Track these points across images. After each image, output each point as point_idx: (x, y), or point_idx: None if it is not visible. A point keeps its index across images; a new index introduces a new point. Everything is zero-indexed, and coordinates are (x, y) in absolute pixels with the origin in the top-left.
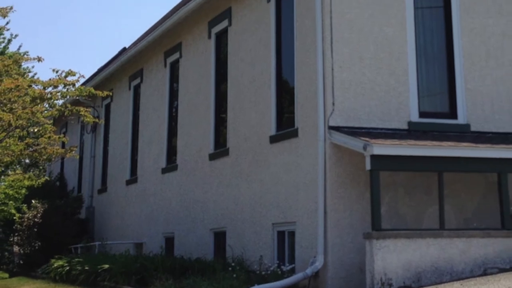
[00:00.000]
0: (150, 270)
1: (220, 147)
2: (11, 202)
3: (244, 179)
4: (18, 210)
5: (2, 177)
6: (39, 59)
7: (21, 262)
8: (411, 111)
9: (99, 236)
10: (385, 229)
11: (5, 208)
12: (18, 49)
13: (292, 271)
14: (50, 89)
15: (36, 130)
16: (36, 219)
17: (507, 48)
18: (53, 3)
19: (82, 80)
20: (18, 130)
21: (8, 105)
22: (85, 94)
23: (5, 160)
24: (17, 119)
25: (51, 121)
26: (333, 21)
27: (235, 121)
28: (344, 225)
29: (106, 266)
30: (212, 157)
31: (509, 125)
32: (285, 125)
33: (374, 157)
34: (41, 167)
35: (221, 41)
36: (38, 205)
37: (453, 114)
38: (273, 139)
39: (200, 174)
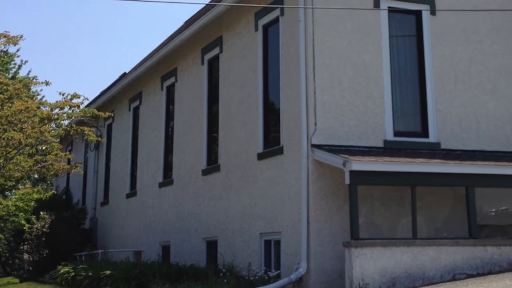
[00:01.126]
0: (148, 276)
1: (212, 163)
2: (21, 213)
3: (234, 192)
4: (28, 221)
5: (13, 191)
6: (47, 83)
7: (31, 268)
8: (386, 130)
9: (101, 244)
10: (363, 238)
11: (16, 219)
12: (28, 74)
13: (278, 277)
14: (57, 110)
15: (44, 148)
16: (44, 229)
17: (474, 72)
18: (60, 32)
19: (86, 102)
20: (27, 148)
21: (19, 125)
22: (89, 115)
23: (16, 175)
24: (26, 138)
25: (58, 140)
26: (315, 48)
27: (226, 139)
28: (325, 235)
29: (108, 272)
30: (205, 172)
31: (476, 144)
32: (272, 143)
33: (352, 173)
34: (48, 182)
35: (213, 66)
36: (46, 216)
37: (425, 133)
38: (261, 156)
39: (194, 188)
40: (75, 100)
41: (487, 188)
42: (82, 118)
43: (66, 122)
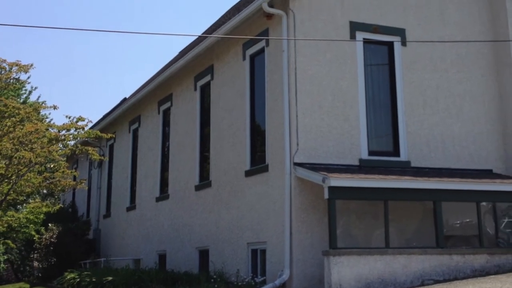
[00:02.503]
0: (146, 281)
1: (204, 180)
2: (31, 225)
3: (224, 206)
4: (37, 232)
5: (24, 204)
6: (55, 107)
7: (40, 274)
8: (361, 150)
9: (104, 253)
10: (340, 247)
11: (27, 230)
12: (37, 99)
13: (263, 282)
14: (63, 132)
15: (52, 166)
16: (52, 240)
17: (441, 98)
18: (67, 61)
19: (90, 125)
20: (37, 166)
21: (29, 145)
22: (92, 136)
23: (26, 190)
24: (36, 157)
25: (65, 159)
26: (297, 76)
27: (216, 158)
28: (306, 244)
29: (110, 278)
30: (197, 188)
31: (443, 162)
32: (258, 161)
33: (331, 188)
34: (56, 197)
35: (205, 92)
36: (54, 228)
37: (396, 152)
38: (248, 173)
39: (188, 202)
40: (80, 123)
41: (453, 202)
42: (86, 139)
43: (72, 142)
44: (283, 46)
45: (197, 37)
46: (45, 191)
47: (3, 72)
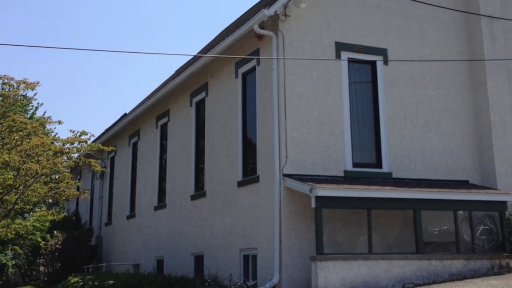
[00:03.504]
0: (145, 285)
1: (199, 190)
2: (38, 232)
3: (218, 214)
4: (43, 238)
5: (31, 213)
6: (60, 122)
7: (46, 278)
8: (346, 162)
9: (106, 258)
10: (327, 253)
11: (33, 237)
12: (43, 114)
13: (255, 286)
14: (68, 145)
15: (57, 177)
16: (57, 246)
17: (420, 113)
18: (71, 78)
19: (92, 138)
20: (43, 177)
21: (36, 157)
22: (95, 149)
23: (33, 200)
24: (42, 169)
25: (69, 170)
26: (286, 93)
27: (211, 169)
28: (295, 250)
29: (111, 282)
30: (193, 197)
31: (422, 173)
32: (249, 173)
33: (318, 198)
34: (61, 206)
35: (200, 108)
36: (59, 235)
37: (379, 164)
38: (240, 184)
39: (184, 211)
40: (83, 137)
41: (432, 211)
42: (89, 152)
43: (76, 155)
44: (273, 65)
45: (192, 56)
46: (50, 201)
47: (11, 89)
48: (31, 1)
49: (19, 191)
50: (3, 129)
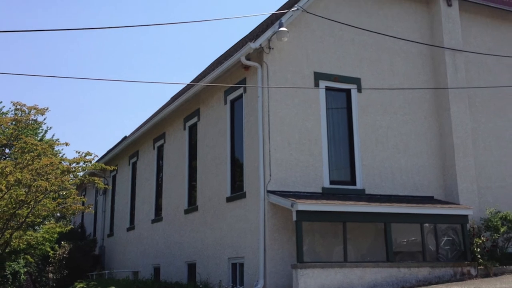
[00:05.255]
0: None
1: (192, 205)
2: (47, 243)
3: (209, 227)
4: (52, 248)
5: (41, 225)
6: (67, 144)
7: (54, 284)
8: (324, 180)
9: (108, 266)
10: (306, 261)
11: (43, 247)
12: (52, 136)
13: None
14: (74, 164)
15: (64, 193)
16: (64, 255)
17: (390, 136)
18: (77, 104)
19: (96, 158)
20: (52, 193)
21: (45, 176)
22: (98, 168)
23: (43, 214)
24: (51, 186)
25: (75, 187)
26: (270, 118)
27: (202, 186)
28: (278, 259)
29: (113, 287)
30: (186, 211)
31: (391, 190)
32: (237, 189)
33: (298, 212)
34: (68, 219)
35: (193, 131)
36: (66, 245)
37: (353, 182)
38: (229, 199)
39: (178, 223)
40: (88, 157)
41: (400, 223)
42: (93, 171)
43: (81, 173)
44: (258, 93)
45: (185, 85)
46: (58, 214)
47: (23, 114)
48: (43, 37)
49: (30, 206)
50: (16, 150)
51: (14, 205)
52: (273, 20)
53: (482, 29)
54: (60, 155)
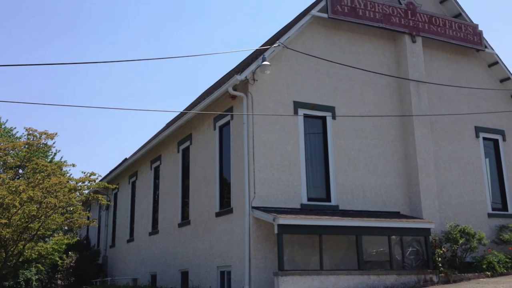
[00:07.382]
0: None
1: (185, 219)
2: (56, 253)
3: (200, 239)
4: (60, 258)
5: (50, 238)
6: (73, 165)
7: None
8: (302, 197)
9: (110, 274)
10: (287, 269)
11: (52, 257)
12: (60, 158)
13: None
14: (80, 183)
15: (71, 209)
16: (71, 264)
17: (361, 159)
18: (82, 129)
19: (100, 178)
20: (60, 209)
21: (54, 193)
22: (101, 186)
23: (52, 227)
24: (59, 202)
25: (81, 203)
26: (254, 141)
27: (194, 203)
28: (261, 267)
29: None
30: (180, 225)
31: (362, 206)
32: (225, 205)
33: (279, 226)
34: (74, 232)
35: (185, 154)
36: (73, 255)
37: (328, 199)
38: (218, 214)
39: (173, 236)
40: (92, 177)
41: (370, 236)
42: (97, 189)
43: (86, 191)
44: (244, 120)
45: (179, 112)
46: (66, 228)
47: (35, 139)
48: (53, 70)
49: (41, 220)
50: (28, 171)
51: (26, 220)
52: (257, 55)
53: (443, 63)
54: (68, 175)
